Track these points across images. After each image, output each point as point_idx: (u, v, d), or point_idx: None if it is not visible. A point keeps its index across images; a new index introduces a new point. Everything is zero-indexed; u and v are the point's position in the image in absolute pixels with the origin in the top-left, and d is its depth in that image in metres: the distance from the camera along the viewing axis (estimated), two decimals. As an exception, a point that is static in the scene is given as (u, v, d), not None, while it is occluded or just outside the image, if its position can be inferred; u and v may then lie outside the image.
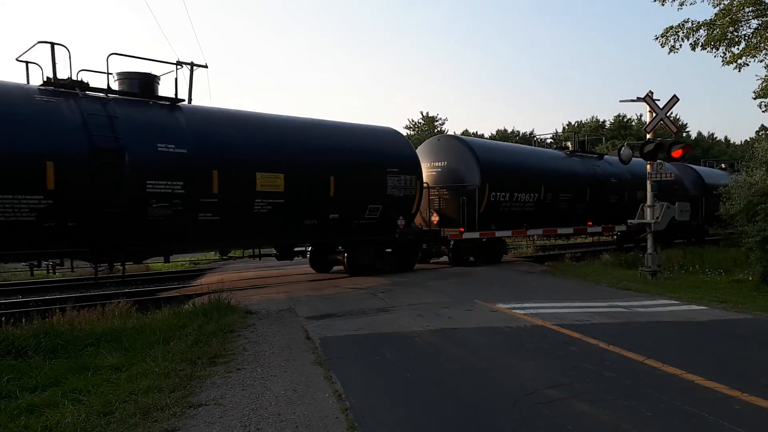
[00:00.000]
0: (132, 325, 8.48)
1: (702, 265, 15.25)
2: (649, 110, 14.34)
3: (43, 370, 6.41)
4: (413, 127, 59.81)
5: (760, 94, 21.27)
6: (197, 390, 5.71)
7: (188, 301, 10.73)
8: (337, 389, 5.65)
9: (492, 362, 6.65)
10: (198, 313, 9.13)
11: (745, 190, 13.38)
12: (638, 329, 8.37)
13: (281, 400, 5.38)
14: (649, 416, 4.85)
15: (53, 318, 8.73)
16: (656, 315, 9.44)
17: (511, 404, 5.18)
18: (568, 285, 13.39)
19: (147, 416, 4.98)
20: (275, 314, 9.77)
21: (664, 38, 19.04)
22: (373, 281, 13.85)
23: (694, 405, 5.07)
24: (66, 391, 5.68)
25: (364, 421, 4.80)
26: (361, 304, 10.66)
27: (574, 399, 5.30)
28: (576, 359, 6.67)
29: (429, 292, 11.99)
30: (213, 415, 5.04)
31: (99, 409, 5.13)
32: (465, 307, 10.18)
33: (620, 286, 12.74)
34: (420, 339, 7.82)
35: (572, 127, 62.37)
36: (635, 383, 5.75)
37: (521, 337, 7.87)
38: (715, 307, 10.16)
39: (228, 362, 6.73)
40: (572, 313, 9.44)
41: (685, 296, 11.25)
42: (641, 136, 19.98)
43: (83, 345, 7.61)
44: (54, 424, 4.80)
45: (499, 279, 14.61)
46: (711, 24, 18.43)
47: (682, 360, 6.52)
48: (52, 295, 13.33)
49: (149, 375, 6.14)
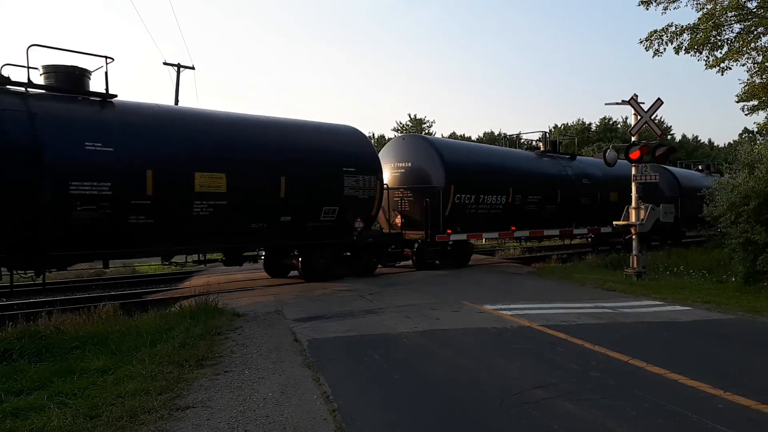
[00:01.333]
0: (118, 328, 8.42)
1: (686, 267, 15.43)
2: (634, 113, 14.49)
3: (28, 374, 6.35)
4: (401, 129, 59.92)
5: (743, 97, 21.56)
6: (184, 392, 5.69)
7: (175, 304, 10.67)
8: (325, 391, 5.66)
9: (479, 363, 6.70)
10: (185, 315, 9.09)
11: (728, 192, 13.55)
12: (623, 330, 8.46)
13: (269, 402, 5.38)
14: (633, 415, 4.92)
15: (38, 321, 8.64)
16: (641, 315, 9.55)
17: (498, 404, 5.22)
18: (555, 286, 13.49)
19: (134, 419, 4.96)
20: (263, 316, 9.76)
21: (648, 42, 19.27)
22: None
23: (678, 404, 5.15)
24: (52, 395, 5.64)
25: (352, 422, 4.82)
26: (349, 305, 10.67)
27: (560, 399, 5.36)
28: (562, 359, 6.73)
29: (416, 294, 12.02)
30: (201, 417, 5.03)
31: (85, 412, 5.10)
32: (452, 308, 10.23)
33: (606, 287, 12.86)
34: (408, 340, 7.85)
35: (558, 129, 62.87)
36: (620, 383, 5.82)
37: (508, 338, 7.93)
38: (699, 307, 10.29)
39: (215, 365, 6.71)
40: (558, 314, 9.52)
41: (670, 297, 11.38)
42: (627, 138, 20.17)
43: (69, 348, 7.54)
44: (40, 427, 4.77)
45: (487, 280, 14.67)
46: (694, 28, 18.68)
47: (666, 360, 6.60)
48: (37, 298, 13.20)
49: (136, 378, 6.11)
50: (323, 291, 12.70)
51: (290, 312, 10.08)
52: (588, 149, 50.16)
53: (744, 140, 35.00)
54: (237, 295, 12.63)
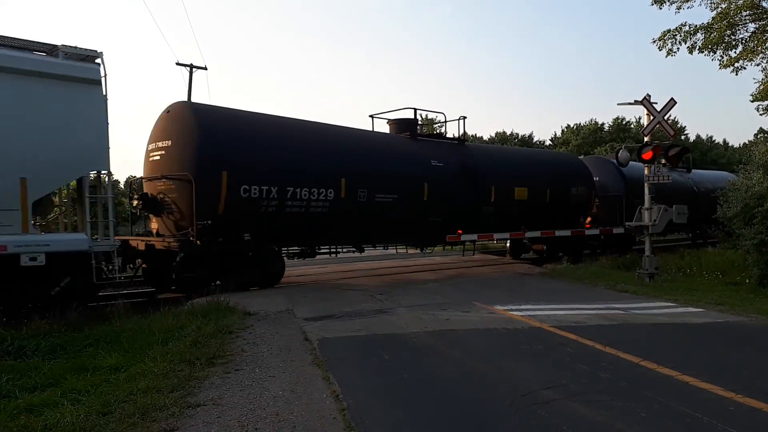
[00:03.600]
0: (130, 326, 8.51)
1: (699, 268, 15.29)
2: (646, 113, 14.38)
3: (42, 371, 6.45)
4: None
5: (758, 97, 21.31)
6: (196, 390, 5.73)
7: (187, 303, 10.75)
8: (334, 390, 5.68)
9: (489, 363, 6.69)
10: (196, 314, 9.14)
11: (742, 193, 13.43)
12: (634, 331, 8.41)
13: (279, 401, 5.41)
14: (644, 417, 4.90)
15: (52, 318, 8.74)
16: (653, 317, 9.49)
17: (508, 405, 5.22)
18: (566, 287, 13.43)
19: (146, 416, 5.01)
20: (274, 315, 9.80)
21: (661, 41, 19.07)
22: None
23: (689, 406, 5.11)
24: (65, 391, 5.72)
25: (361, 422, 4.83)
26: (359, 305, 10.69)
27: (570, 400, 5.34)
28: (572, 360, 6.71)
29: (427, 294, 12.03)
30: (211, 415, 5.07)
31: (98, 409, 5.16)
32: (462, 309, 10.22)
33: (618, 289, 12.78)
34: (417, 340, 7.86)
35: (571, 129, 62.52)
36: (631, 384, 5.79)
37: (518, 339, 7.91)
38: (712, 309, 10.21)
39: (226, 363, 6.76)
40: (569, 315, 9.49)
41: (682, 298, 11.29)
42: (640, 139, 20.01)
43: (82, 345, 7.65)
44: (53, 423, 4.83)
45: (497, 281, 14.64)
46: (708, 27, 18.48)
47: (678, 361, 6.56)
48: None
49: (148, 375, 6.16)
50: (334, 291, 12.72)
51: (301, 311, 10.12)
52: (600, 149, 49.90)
53: (759, 140, 34.59)
54: (248, 293, 12.68)
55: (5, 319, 8.87)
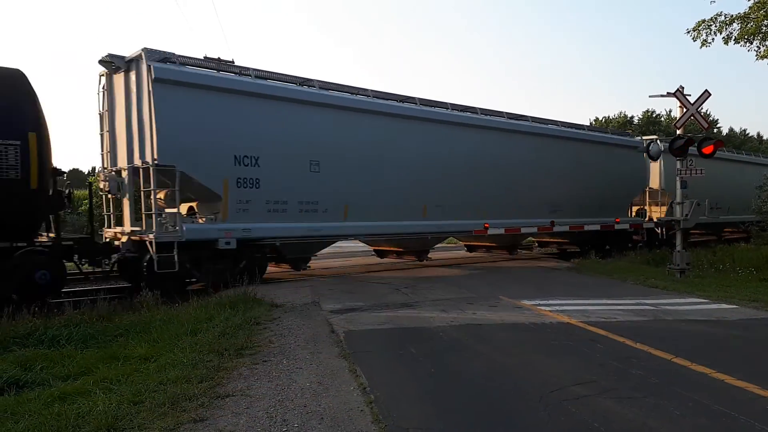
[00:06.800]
0: (160, 316, 8.63)
1: (732, 264, 14.94)
2: (679, 106, 14.09)
3: (74, 360, 6.59)
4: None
5: (795, 88, 20.71)
6: (224, 381, 5.78)
7: (215, 294, 10.86)
8: (362, 382, 5.68)
9: (517, 358, 6.62)
10: (225, 305, 9.24)
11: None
12: (666, 327, 8.25)
13: (307, 392, 5.43)
14: (677, 415, 4.79)
15: (84, 309, 8.91)
16: (684, 313, 9.29)
17: (537, 400, 5.15)
18: (594, 282, 13.24)
19: (176, 405, 5.06)
20: (300, 307, 9.85)
21: (695, 32, 18.57)
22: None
23: (724, 404, 4.99)
24: (97, 380, 5.82)
25: (388, 414, 4.82)
26: (385, 298, 10.68)
27: (601, 396, 5.25)
28: (602, 356, 6.60)
29: (452, 288, 11.97)
30: (240, 405, 5.11)
31: (129, 398, 5.24)
32: (489, 303, 10.15)
33: (648, 284, 12.56)
34: (444, 334, 7.81)
35: (599, 122, 61.54)
36: (663, 381, 5.67)
37: (547, 334, 7.82)
38: (746, 306, 9.96)
39: (254, 354, 6.81)
40: (598, 311, 9.35)
41: (715, 295, 11.04)
42: (671, 131, 19.51)
43: (113, 335, 7.79)
44: (86, 411, 4.92)
45: (524, 276, 14.51)
46: (745, 17, 17.96)
47: (712, 359, 6.41)
48: (83, 286, 13.57)
49: (177, 365, 6.24)
50: (360, 284, 12.74)
51: (327, 303, 10.15)
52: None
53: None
54: (275, 285, 12.76)
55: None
